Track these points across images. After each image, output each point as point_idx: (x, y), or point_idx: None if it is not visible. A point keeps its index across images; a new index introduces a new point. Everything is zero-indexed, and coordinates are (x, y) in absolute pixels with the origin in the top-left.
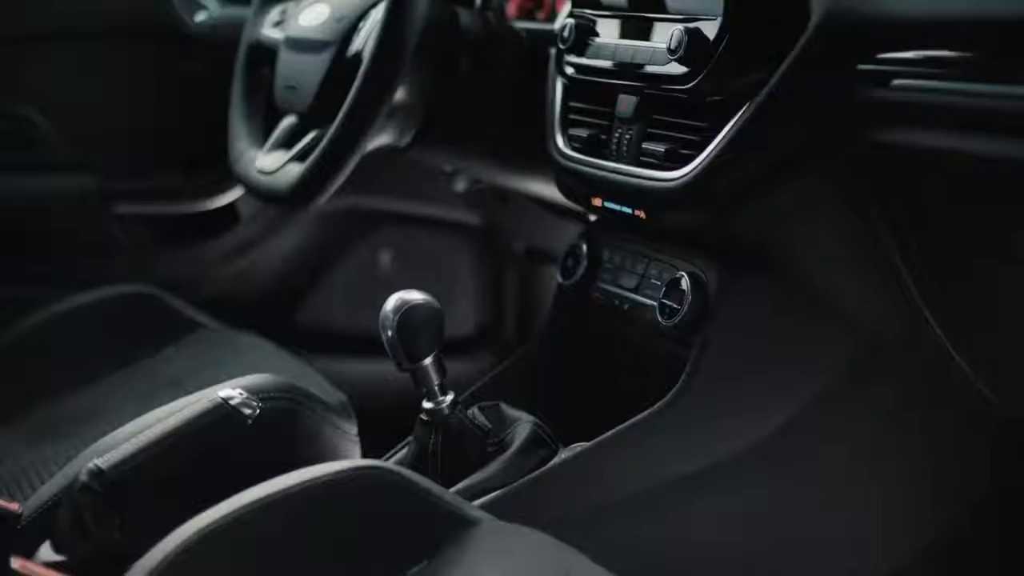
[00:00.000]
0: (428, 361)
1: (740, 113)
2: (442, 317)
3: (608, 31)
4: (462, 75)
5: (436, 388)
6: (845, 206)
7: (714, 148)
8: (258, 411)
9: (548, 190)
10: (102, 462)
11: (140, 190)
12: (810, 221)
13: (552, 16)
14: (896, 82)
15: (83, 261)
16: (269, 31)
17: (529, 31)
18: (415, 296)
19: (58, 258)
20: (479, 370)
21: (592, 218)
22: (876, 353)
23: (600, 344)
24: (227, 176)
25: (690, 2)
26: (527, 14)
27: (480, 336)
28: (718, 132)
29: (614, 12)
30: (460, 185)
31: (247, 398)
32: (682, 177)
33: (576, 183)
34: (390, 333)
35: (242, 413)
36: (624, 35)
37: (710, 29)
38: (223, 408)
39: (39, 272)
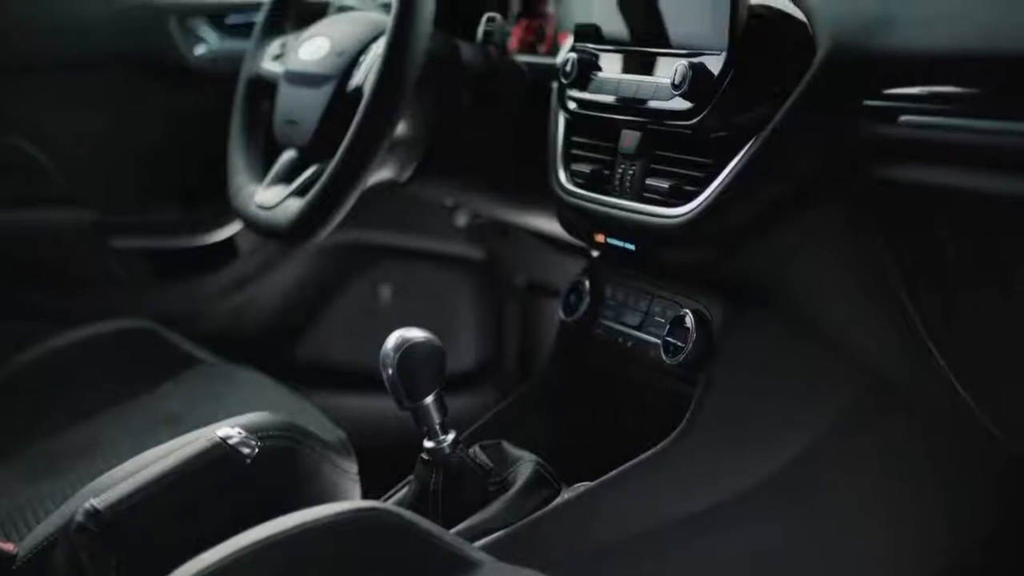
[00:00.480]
0: (429, 400)
1: (745, 149)
2: (443, 355)
3: (611, 65)
4: (463, 109)
5: (437, 427)
6: (850, 242)
7: (718, 185)
8: (257, 450)
9: (550, 225)
10: (98, 502)
11: (138, 224)
12: (815, 257)
13: (554, 50)
14: (903, 118)
15: (80, 295)
16: (269, 64)
17: (531, 65)
18: (416, 334)
19: (55, 292)
20: (480, 405)
21: (595, 253)
22: (882, 388)
23: (603, 382)
24: (226, 210)
25: (694, 37)
26: (528, 48)
27: (481, 371)
28: (722, 168)
29: (617, 47)
30: (461, 219)
31: (246, 437)
32: (686, 214)
33: (578, 219)
34: (391, 371)
35: (240, 452)
36: (627, 69)
37: (714, 64)
38: (221, 447)
39: (35, 306)
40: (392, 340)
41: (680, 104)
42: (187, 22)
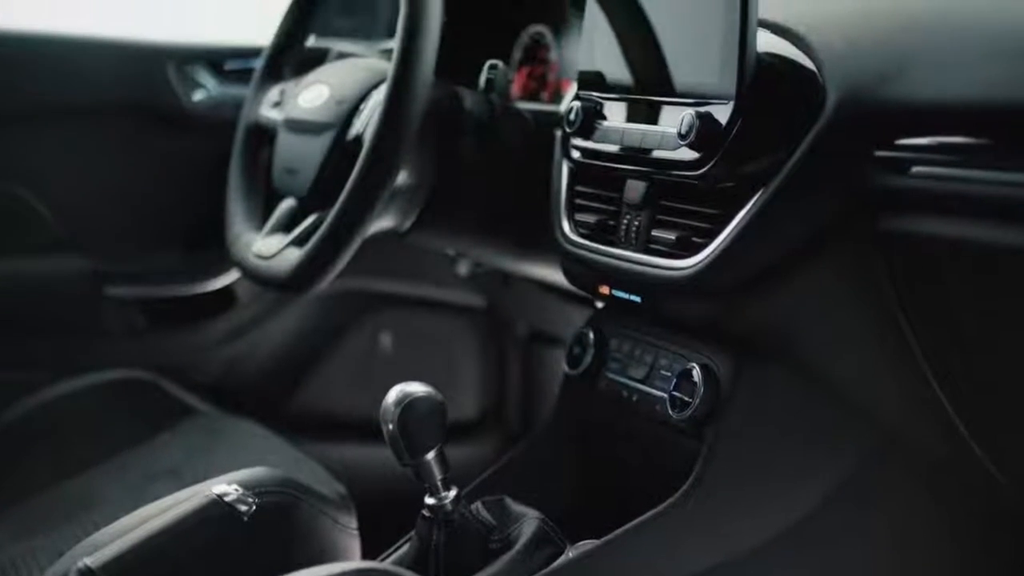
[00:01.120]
0: (431, 456)
1: (753, 200)
2: (445, 410)
3: (615, 114)
4: (465, 158)
5: (439, 483)
6: (860, 294)
7: (726, 236)
8: (254, 507)
9: (553, 274)
10: (92, 561)
11: (135, 272)
12: (824, 310)
13: (556, 97)
14: (915, 169)
15: (76, 345)
16: (268, 111)
17: (533, 112)
18: (417, 389)
19: (50, 342)
20: (482, 455)
21: (599, 304)
22: (894, 444)
23: (608, 437)
24: (224, 258)
25: (701, 85)
26: (531, 95)
27: (483, 420)
28: (730, 220)
29: (621, 95)
30: (463, 268)
31: (243, 494)
32: (693, 266)
33: (583, 270)
34: (391, 427)
35: (237, 510)
36: (632, 118)
37: (722, 113)
38: (218, 505)
39: (31, 356)
40: (393, 395)
41: (687, 154)
42: (185, 68)
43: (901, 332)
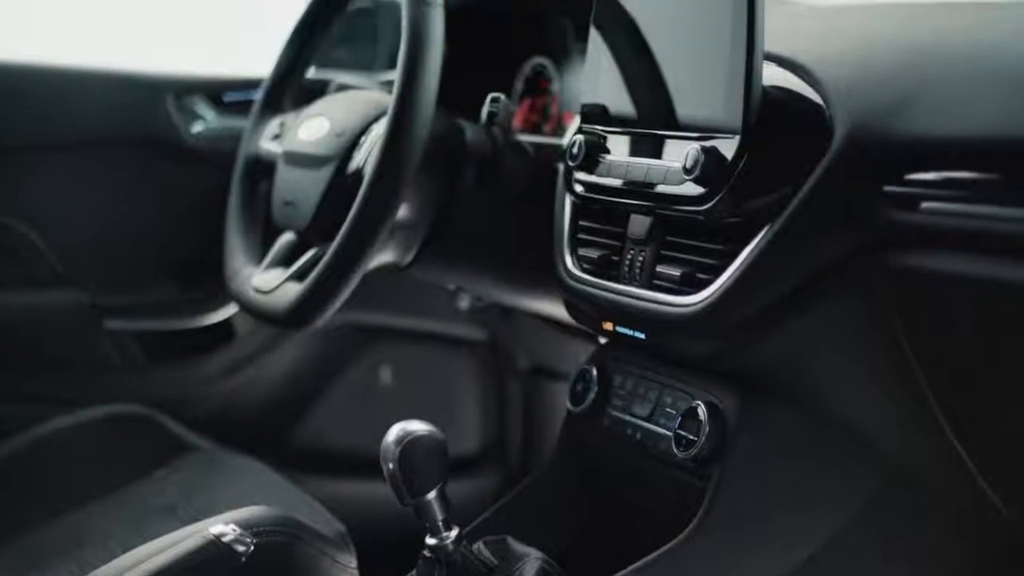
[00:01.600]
0: (432, 496)
1: (760, 236)
2: (446, 449)
3: (619, 148)
4: (466, 191)
5: (440, 523)
6: (869, 332)
7: (732, 273)
8: (252, 547)
9: (555, 309)
10: None
11: (132, 305)
12: (833, 347)
13: (558, 129)
14: (925, 205)
15: (73, 379)
16: (267, 144)
17: (535, 145)
18: (418, 427)
19: (47, 376)
20: (483, 490)
21: (602, 340)
22: (904, 484)
23: (612, 475)
24: (223, 291)
25: (706, 119)
26: (533, 127)
27: (484, 455)
28: (736, 256)
29: (625, 128)
30: (463, 302)
31: (240, 534)
32: (699, 303)
33: (586, 306)
34: (391, 466)
35: (235, 550)
36: (636, 152)
37: (727, 147)
38: (215, 546)
39: (26, 390)
40: (393, 433)
41: (692, 189)
42: (184, 100)
43: (910, 370)
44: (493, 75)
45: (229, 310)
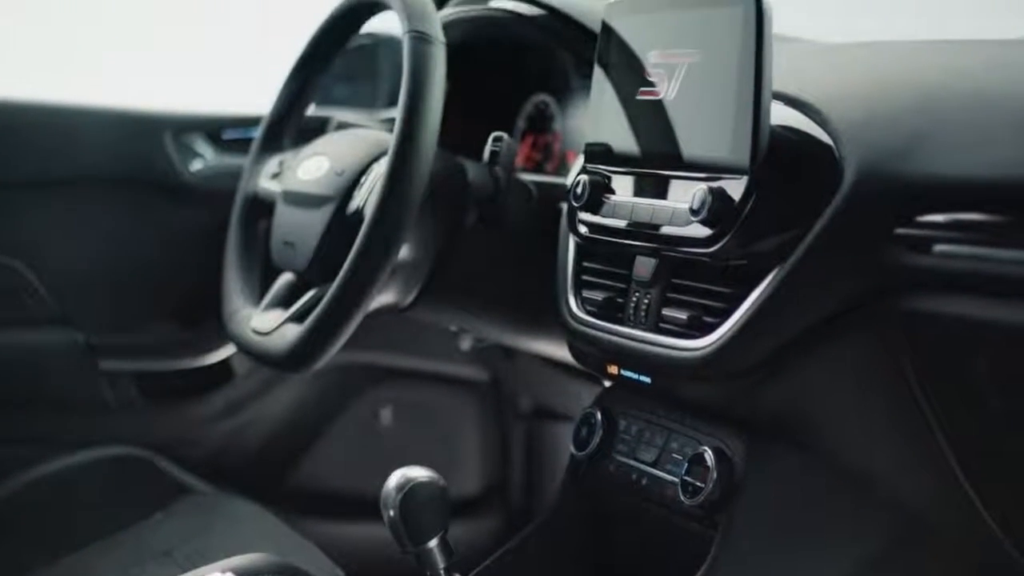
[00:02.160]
0: (433, 544)
1: (769, 279)
2: (447, 496)
3: (624, 188)
4: (468, 232)
5: (441, 572)
6: (880, 376)
7: (741, 316)
8: None
9: (558, 351)
10: None
11: (129, 345)
12: (843, 391)
13: (561, 167)
14: (937, 248)
15: (69, 420)
16: (266, 183)
17: (538, 184)
18: (419, 473)
19: (43, 417)
20: (485, 533)
21: (607, 383)
22: (916, 531)
23: (617, 521)
24: (221, 331)
25: (713, 159)
26: (535, 166)
27: (486, 497)
28: (744, 299)
29: (630, 168)
30: (465, 343)
31: None
32: (706, 347)
33: (590, 350)
34: (392, 513)
35: None
36: (641, 192)
37: (735, 188)
38: None
39: (22, 432)
40: (394, 479)
41: (699, 231)
42: (182, 137)
43: (923, 416)
44: (495, 113)
45: (228, 350)
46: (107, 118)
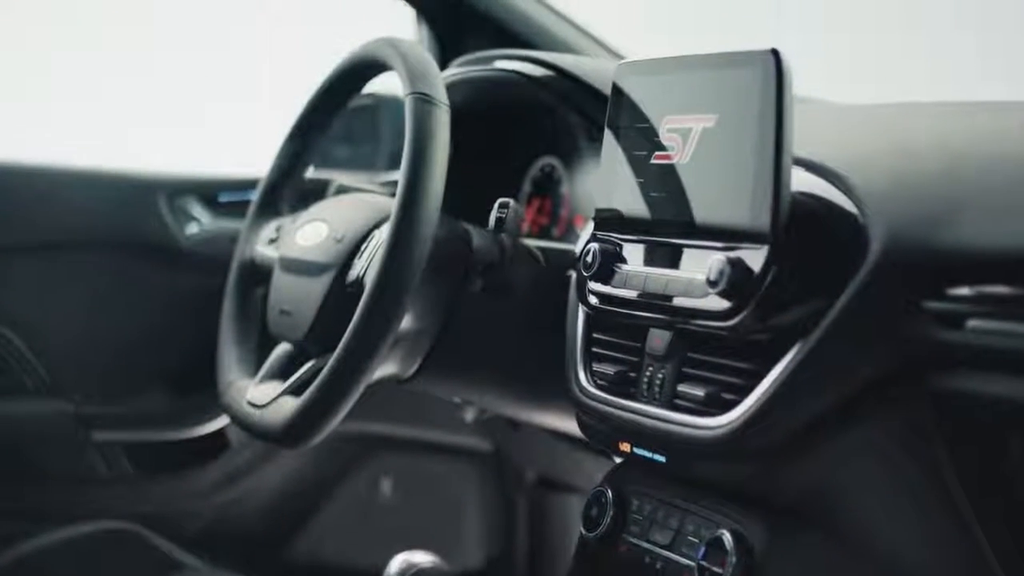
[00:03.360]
0: None
1: (791, 355)
2: None
3: (636, 256)
4: (473, 300)
5: None
6: (909, 458)
7: (761, 394)
8: None
9: (566, 424)
10: None
11: (120, 415)
12: (869, 474)
13: (569, 232)
14: (970, 323)
15: (57, 493)
16: (263, 249)
17: (544, 251)
18: (422, 559)
19: (30, 490)
20: None
21: (618, 459)
22: None
23: None
24: (216, 400)
25: (730, 227)
26: (541, 230)
27: (488, 571)
28: (765, 375)
29: (642, 236)
30: (469, 414)
31: None
32: (725, 426)
33: (601, 426)
34: None
35: None
36: (654, 261)
37: (755, 258)
38: None
39: (8, 506)
40: (396, 565)
41: (716, 303)
42: (177, 200)
43: (954, 500)
44: (500, 176)
45: (222, 420)
46: (100, 180)
